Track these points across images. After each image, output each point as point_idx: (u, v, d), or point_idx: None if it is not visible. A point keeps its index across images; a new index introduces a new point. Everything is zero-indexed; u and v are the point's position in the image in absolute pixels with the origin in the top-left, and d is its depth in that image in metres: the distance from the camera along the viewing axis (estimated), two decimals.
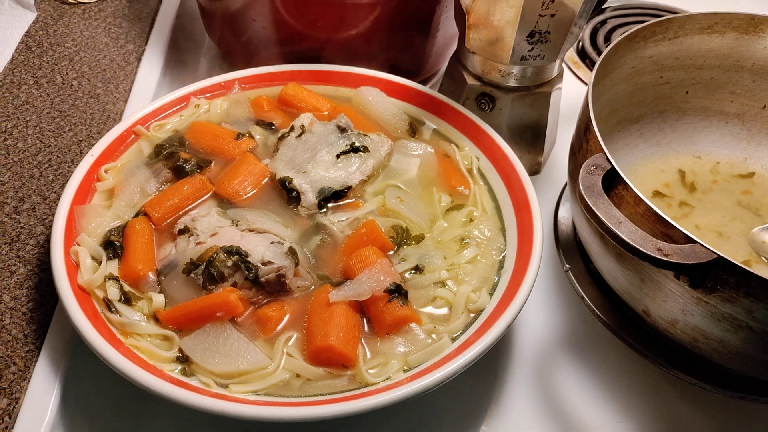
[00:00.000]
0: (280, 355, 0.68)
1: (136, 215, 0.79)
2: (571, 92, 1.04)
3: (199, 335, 0.68)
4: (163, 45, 1.15)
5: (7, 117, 0.92)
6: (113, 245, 0.75)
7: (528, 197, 0.80)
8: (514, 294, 0.71)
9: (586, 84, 1.19)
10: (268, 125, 0.92)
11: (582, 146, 0.77)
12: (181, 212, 0.80)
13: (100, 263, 0.74)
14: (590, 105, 0.75)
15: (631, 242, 0.62)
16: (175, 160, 0.84)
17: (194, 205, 0.81)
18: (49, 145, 0.91)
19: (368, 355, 0.69)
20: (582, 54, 1.26)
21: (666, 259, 0.61)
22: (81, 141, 0.93)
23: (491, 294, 0.74)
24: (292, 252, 0.73)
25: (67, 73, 1.02)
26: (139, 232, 0.76)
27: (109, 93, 1.02)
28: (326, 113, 0.93)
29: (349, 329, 0.69)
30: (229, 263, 0.71)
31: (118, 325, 0.69)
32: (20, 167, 0.87)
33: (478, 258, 0.78)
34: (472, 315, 0.73)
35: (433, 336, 0.70)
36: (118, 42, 1.11)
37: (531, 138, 0.97)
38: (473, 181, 0.86)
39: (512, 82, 0.91)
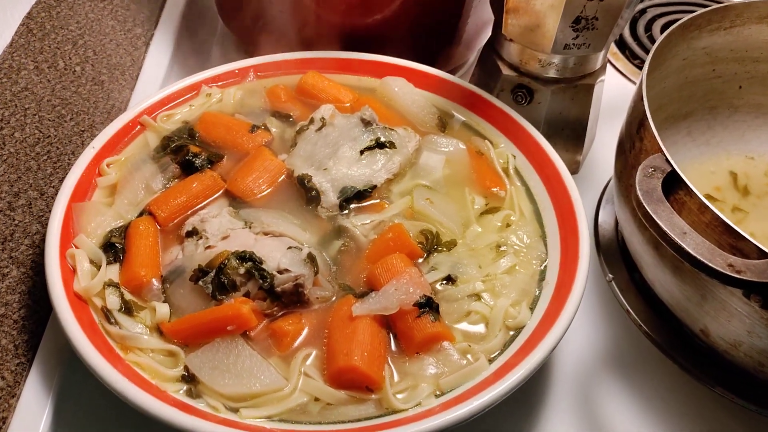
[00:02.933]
0: (297, 376, 0.63)
1: (140, 215, 0.76)
2: (609, 85, 0.98)
3: (207, 351, 0.64)
4: (174, 29, 1.12)
5: (5, 104, 0.87)
6: (114, 248, 0.72)
7: (572, 200, 0.74)
8: (558, 310, 0.65)
9: (626, 76, 1.14)
10: (285, 117, 0.88)
11: (634, 145, 0.71)
12: (189, 212, 0.77)
13: (99, 268, 0.70)
14: (645, 99, 0.70)
15: (698, 256, 0.57)
16: (184, 154, 0.80)
17: (204, 204, 0.77)
18: (49, 136, 0.86)
19: (396, 377, 0.64)
20: (621, 45, 1.20)
21: (738, 276, 0.55)
22: (83, 131, 0.89)
23: (532, 309, 0.68)
24: (311, 258, 0.69)
25: (70, 58, 0.97)
26: (142, 234, 0.73)
27: (115, 80, 0.98)
28: (348, 105, 0.89)
29: (374, 347, 0.63)
30: (242, 271, 0.67)
31: (118, 339, 0.65)
32: (16, 159, 0.82)
33: (517, 268, 0.72)
34: (511, 333, 0.67)
35: (468, 356, 0.65)
36: (126, 25, 1.07)
37: (570, 134, 0.91)
38: (509, 181, 0.81)
39: (552, 73, 0.85)
